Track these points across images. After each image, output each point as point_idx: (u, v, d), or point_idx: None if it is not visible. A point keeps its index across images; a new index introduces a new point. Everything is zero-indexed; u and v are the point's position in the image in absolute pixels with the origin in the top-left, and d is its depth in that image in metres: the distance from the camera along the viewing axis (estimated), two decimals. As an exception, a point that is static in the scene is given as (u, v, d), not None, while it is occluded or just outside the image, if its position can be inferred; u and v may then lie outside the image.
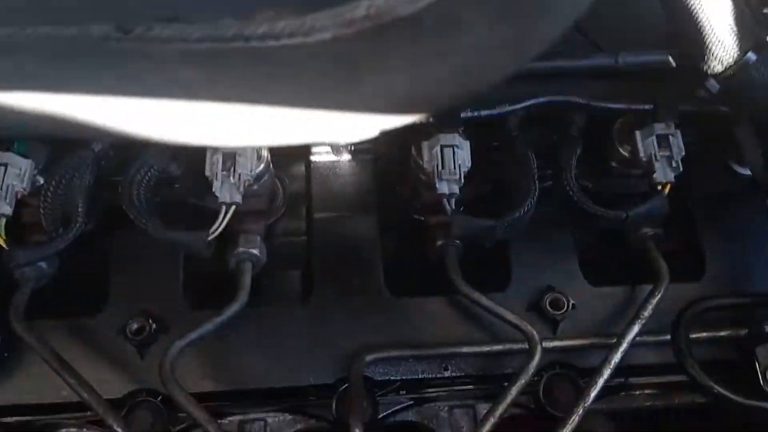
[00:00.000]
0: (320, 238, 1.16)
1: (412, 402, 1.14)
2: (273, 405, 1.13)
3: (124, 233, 1.15)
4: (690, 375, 1.00)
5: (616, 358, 0.98)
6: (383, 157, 1.24)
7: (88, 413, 1.07)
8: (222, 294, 1.05)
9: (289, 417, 1.14)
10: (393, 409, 1.13)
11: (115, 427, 0.92)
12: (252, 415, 1.13)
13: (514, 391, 0.95)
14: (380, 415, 1.11)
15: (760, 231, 1.18)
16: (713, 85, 0.92)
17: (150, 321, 1.08)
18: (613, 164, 1.14)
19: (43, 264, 1.06)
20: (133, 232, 1.14)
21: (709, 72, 0.90)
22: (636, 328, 1.01)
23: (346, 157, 1.22)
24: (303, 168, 1.24)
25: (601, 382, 0.97)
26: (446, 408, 1.14)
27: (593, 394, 0.96)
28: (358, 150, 1.22)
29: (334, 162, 1.22)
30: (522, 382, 0.96)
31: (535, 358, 0.98)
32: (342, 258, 1.15)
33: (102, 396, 1.00)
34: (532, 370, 0.97)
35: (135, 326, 1.07)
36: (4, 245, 1.00)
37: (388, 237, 1.18)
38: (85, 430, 1.10)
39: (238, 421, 1.12)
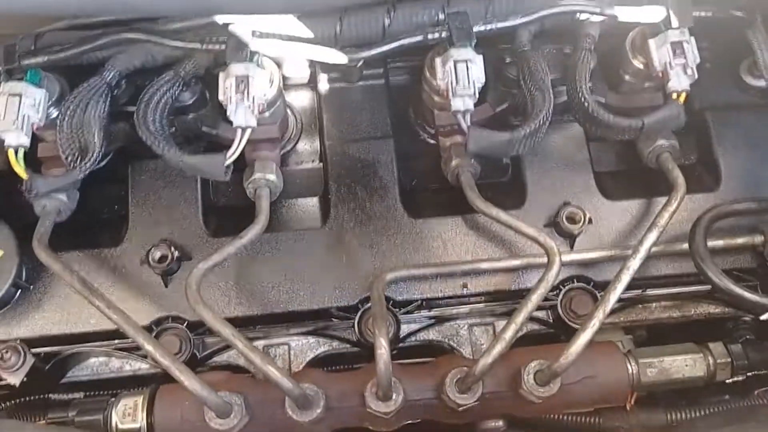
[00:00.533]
0: (335, 164, 1.17)
1: (432, 321, 1.15)
2: (295, 329, 1.15)
3: (141, 165, 1.16)
4: (707, 277, 1.00)
5: (635, 265, 0.99)
6: (395, 82, 1.23)
7: (116, 341, 1.11)
8: (241, 224, 1.06)
9: (312, 340, 1.16)
10: (414, 328, 1.15)
11: (147, 347, 0.93)
12: (275, 340, 1.15)
13: (534, 299, 0.96)
14: (401, 334, 1.13)
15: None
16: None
17: (172, 249, 1.09)
18: (627, 77, 1.13)
19: (63, 196, 1.07)
20: (150, 164, 1.16)
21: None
22: (653, 236, 1.01)
23: (357, 83, 1.21)
24: (313, 97, 1.23)
25: (619, 288, 0.97)
26: (466, 326, 1.16)
27: (612, 300, 0.96)
28: (368, 75, 1.21)
29: (344, 88, 1.21)
30: (542, 291, 0.97)
31: (554, 269, 0.98)
32: (358, 183, 1.15)
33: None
34: (552, 279, 0.98)
35: (158, 254, 1.09)
36: (24, 175, 1.00)
37: (403, 162, 1.18)
38: (119, 356, 1.13)
39: (262, 346, 1.14)
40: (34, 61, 1.02)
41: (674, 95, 1.03)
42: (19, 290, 1.09)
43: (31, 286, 1.10)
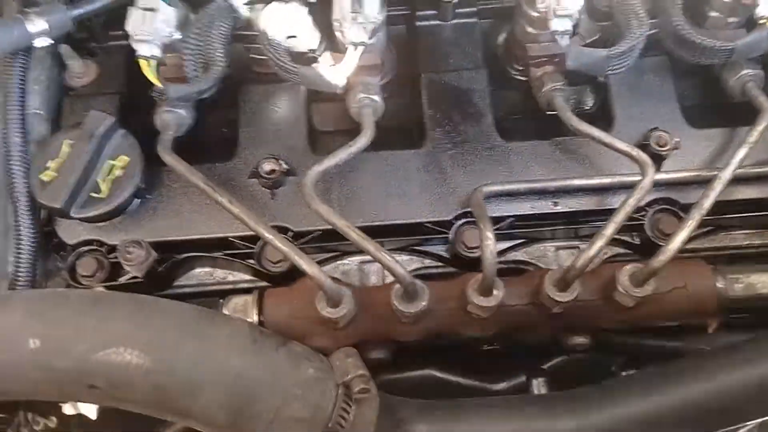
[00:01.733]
0: (431, 93, 1.23)
1: (522, 241, 1.21)
2: (389, 246, 1.21)
3: (249, 89, 1.24)
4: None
5: (726, 175, 1.04)
6: (485, 23, 1.30)
7: (224, 252, 1.18)
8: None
9: (405, 257, 1.21)
10: (503, 247, 1.20)
11: (267, 235, 1.00)
12: (369, 257, 1.21)
13: (631, 202, 1.01)
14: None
15: None
16: None
17: (281, 162, 1.16)
18: (711, 13, 1.19)
19: (182, 111, 1.15)
20: (259, 88, 1.25)
21: None
22: (743, 152, 1.06)
23: (450, 21, 1.29)
24: (409, 34, 1.31)
25: (712, 195, 1.02)
26: (553, 248, 1.21)
27: (706, 205, 1.01)
28: (460, 14, 1.29)
29: (438, 25, 1.29)
30: (637, 196, 1.02)
31: (648, 177, 1.04)
32: (452, 109, 1.22)
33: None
34: (647, 188, 1.03)
35: (267, 167, 1.16)
36: (158, 82, 1.09)
37: (495, 92, 1.25)
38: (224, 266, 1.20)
39: (357, 261, 1.21)
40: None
41: (763, 21, 1.09)
42: (139, 199, 1.18)
43: (149, 196, 1.18)
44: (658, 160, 1.16)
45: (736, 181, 1.11)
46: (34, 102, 1.20)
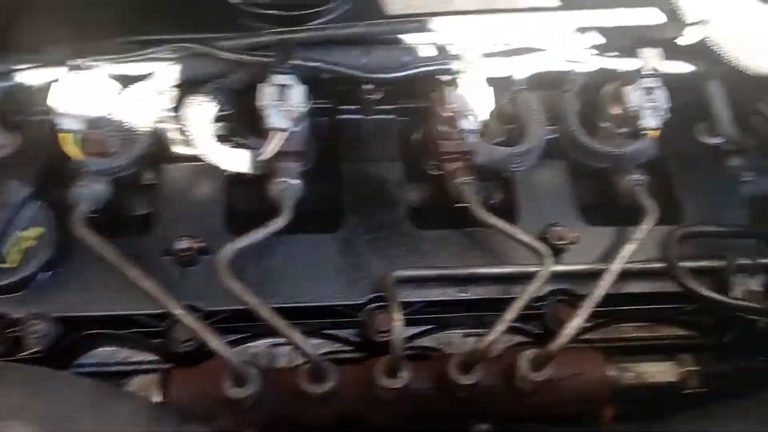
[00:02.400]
0: (350, 181, 1.30)
1: (430, 327, 1.25)
2: (301, 328, 1.23)
3: (171, 168, 1.27)
4: (682, 283, 1.14)
5: (616, 267, 1.12)
6: (403, 118, 1.39)
7: (131, 330, 1.16)
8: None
9: (316, 341, 1.22)
10: (412, 333, 1.23)
11: (177, 311, 1.00)
12: (280, 339, 1.22)
13: (531, 290, 1.08)
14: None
15: (730, 183, 1.36)
16: (689, 36, 1.12)
17: (195, 241, 1.18)
18: (604, 124, 1.32)
19: (100, 185, 1.17)
20: (180, 167, 1.28)
21: (685, 23, 1.10)
22: (631, 247, 1.16)
23: (371, 117, 1.37)
24: (333, 126, 1.38)
25: (604, 284, 1.10)
26: (460, 335, 1.26)
27: (597, 294, 1.09)
28: (380, 110, 1.37)
29: (360, 119, 1.37)
30: (537, 284, 1.09)
31: (546, 268, 1.11)
32: (369, 197, 1.28)
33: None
34: (545, 277, 1.11)
35: (181, 245, 1.17)
36: (78, 155, 1.11)
37: (409, 184, 1.32)
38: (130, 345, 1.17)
39: (267, 343, 1.21)
40: (100, 58, 1.16)
41: (646, 132, 1.22)
42: (50, 271, 1.16)
43: (61, 269, 1.16)
44: (557, 253, 1.24)
45: (626, 275, 1.20)
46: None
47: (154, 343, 1.17)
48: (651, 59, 1.22)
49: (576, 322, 1.05)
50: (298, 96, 1.16)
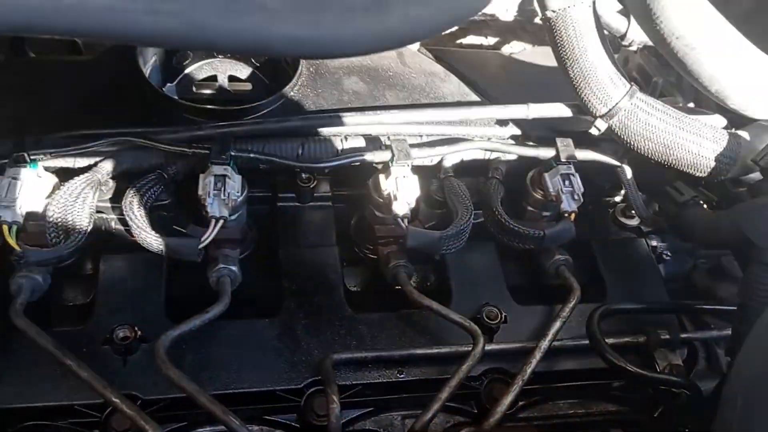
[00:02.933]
0: (287, 266, 1.33)
1: (370, 409, 1.27)
2: (240, 416, 1.23)
3: (111, 258, 1.28)
4: (606, 358, 1.20)
5: (545, 345, 1.18)
6: (338, 208, 1.45)
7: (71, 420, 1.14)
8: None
9: (255, 428, 1.23)
10: (352, 416, 1.25)
11: (115, 399, 1.00)
12: (220, 427, 1.22)
13: (464, 368, 1.12)
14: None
15: (649, 261, 1.46)
16: (599, 125, 1.23)
17: (135, 329, 1.18)
18: (528, 208, 1.41)
19: (39, 277, 1.17)
20: (119, 257, 1.29)
21: (595, 114, 1.21)
22: (558, 324, 1.22)
23: (308, 203, 1.43)
24: (270, 212, 1.43)
25: (534, 360, 1.15)
26: (400, 417, 1.28)
27: (528, 370, 1.14)
28: (317, 198, 1.43)
29: (297, 207, 1.42)
30: (470, 363, 1.13)
31: (479, 346, 1.16)
32: (307, 281, 1.32)
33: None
34: (478, 356, 1.15)
35: (121, 334, 1.18)
36: (17, 247, 1.12)
37: (346, 268, 1.37)
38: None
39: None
40: (40, 152, 1.18)
41: (566, 215, 1.31)
42: (-18, 364, 1.14)
43: (-6, 360, 1.15)
44: (489, 332, 1.30)
45: (556, 353, 1.26)
46: None
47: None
48: (566, 148, 1.33)
49: (508, 399, 1.09)
50: (235, 186, 1.21)
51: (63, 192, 1.18)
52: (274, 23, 0.62)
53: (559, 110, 1.33)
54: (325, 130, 1.33)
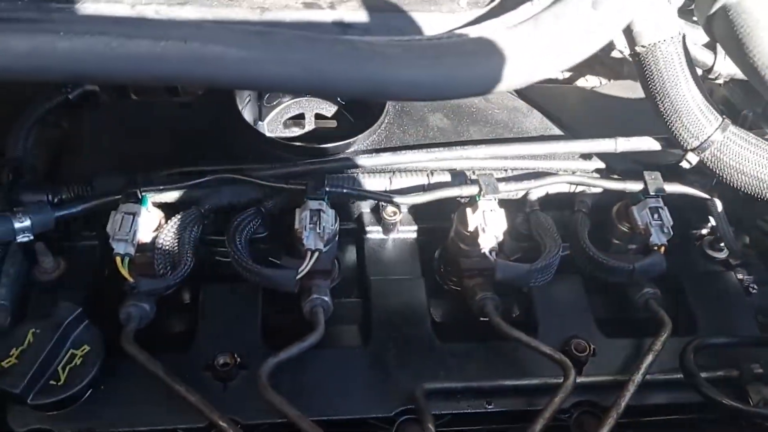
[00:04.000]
0: (376, 297, 1.37)
1: (458, 439, 1.28)
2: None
3: (212, 287, 1.35)
4: (702, 392, 1.18)
5: (638, 378, 1.17)
6: (423, 239, 1.49)
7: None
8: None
9: (350, 454, 1.26)
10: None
11: (223, 423, 1.05)
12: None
13: (556, 401, 1.13)
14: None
15: (738, 294, 1.43)
16: (691, 159, 1.23)
17: (235, 356, 1.24)
18: (615, 241, 1.41)
19: (146, 305, 1.24)
20: (219, 287, 1.36)
21: (686, 147, 1.21)
22: (650, 359, 1.21)
23: (392, 234, 1.47)
24: (357, 244, 1.48)
25: (626, 397, 1.15)
26: (487, 447, 1.29)
27: (622, 405, 1.13)
28: (402, 231, 1.47)
29: (383, 239, 1.47)
30: (561, 396, 1.14)
31: (570, 380, 1.16)
32: (395, 313, 1.35)
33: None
34: (569, 389, 1.15)
35: (221, 360, 1.23)
36: (130, 278, 1.19)
37: (431, 300, 1.40)
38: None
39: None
40: (150, 189, 1.26)
41: (655, 248, 1.31)
42: (91, 389, 1.21)
43: (102, 386, 1.22)
44: (578, 365, 1.29)
45: (647, 386, 1.25)
46: (1, 293, 1.26)
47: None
48: (654, 181, 1.33)
49: (603, 432, 1.09)
50: (329, 219, 1.26)
51: (170, 225, 1.26)
52: (393, 69, 0.67)
53: (647, 143, 1.34)
54: (412, 166, 1.37)
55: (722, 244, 1.48)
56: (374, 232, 1.47)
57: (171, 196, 1.32)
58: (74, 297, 1.30)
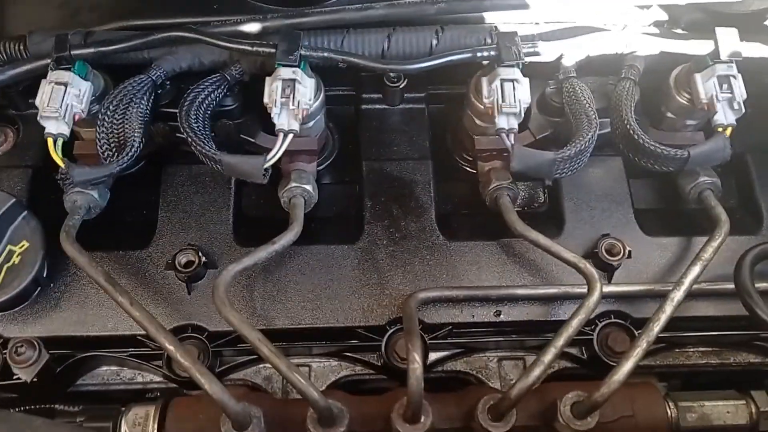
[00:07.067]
0: (371, 183, 1.15)
1: (461, 350, 1.11)
2: (318, 350, 1.11)
3: (174, 170, 1.15)
4: (754, 312, 0.96)
5: (678, 297, 0.95)
6: (434, 109, 1.23)
7: (131, 350, 1.06)
8: (271, 237, 1.03)
9: (334, 363, 1.12)
10: (441, 356, 1.10)
11: (169, 346, 0.89)
12: (296, 360, 1.10)
13: (574, 324, 0.92)
14: (428, 362, 1.08)
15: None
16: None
17: (199, 254, 1.06)
18: (669, 114, 1.13)
19: (94, 193, 1.05)
20: (184, 169, 1.15)
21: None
22: (697, 270, 0.98)
23: (397, 106, 1.21)
24: (353, 117, 1.23)
25: (662, 320, 0.93)
26: (496, 359, 1.12)
27: (655, 331, 0.92)
28: (409, 99, 1.21)
29: (385, 110, 1.21)
30: (582, 317, 0.93)
31: (595, 296, 0.95)
32: (393, 202, 1.13)
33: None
34: (592, 307, 0.94)
35: (184, 259, 1.06)
36: (61, 163, 0.99)
37: (440, 185, 1.17)
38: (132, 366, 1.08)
39: (282, 365, 1.10)
40: (84, 52, 1.02)
41: (720, 129, 1.03)
42: (39, 287, 1.06)
43: (51, 284, 1.07)
44: (608, 270, 1.08)
45: (691, 296, 1.03)
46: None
47: (156, 365, 1.06)
48: (728, 42, 1.02)
49: (627, 367, 0.89)
50: (306, 92, 1.01)
51: (113, 97, 1.02)
52: None
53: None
54: (416, 19, 1.08)
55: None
56: (373, 101, 1.21)
57: (114, 59, 1.07)
58: (20, 178, 1.13)
